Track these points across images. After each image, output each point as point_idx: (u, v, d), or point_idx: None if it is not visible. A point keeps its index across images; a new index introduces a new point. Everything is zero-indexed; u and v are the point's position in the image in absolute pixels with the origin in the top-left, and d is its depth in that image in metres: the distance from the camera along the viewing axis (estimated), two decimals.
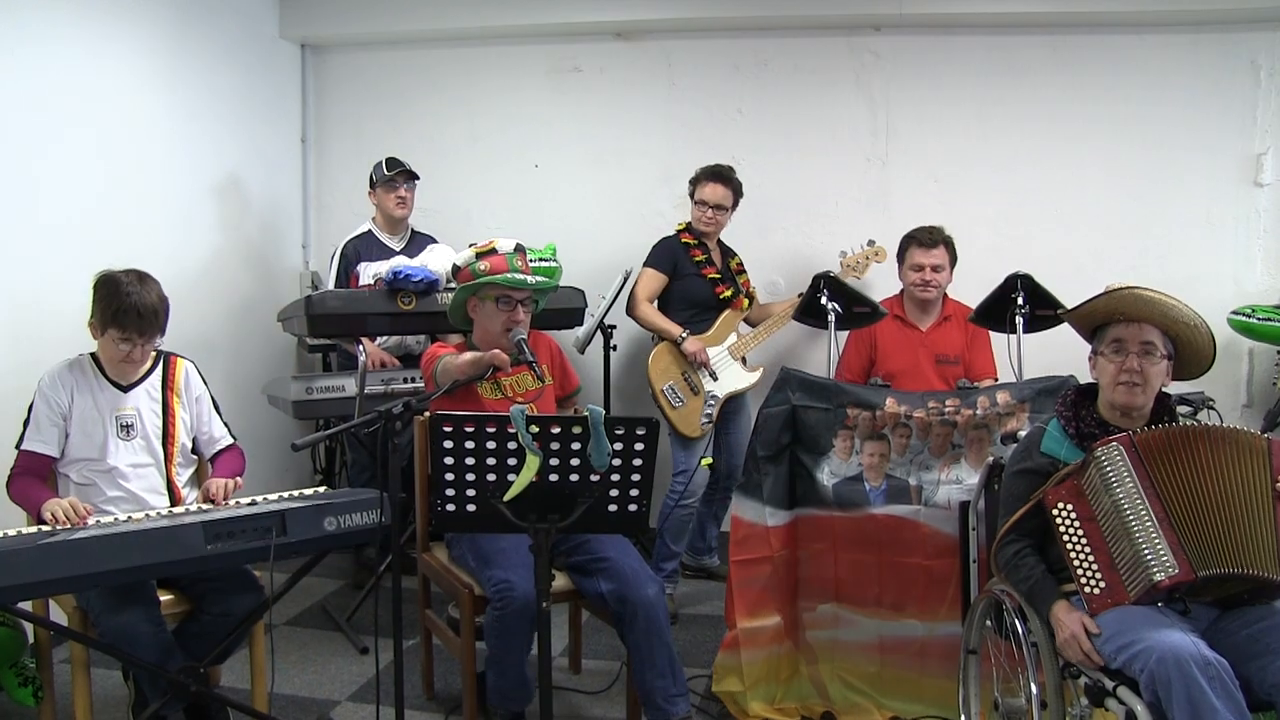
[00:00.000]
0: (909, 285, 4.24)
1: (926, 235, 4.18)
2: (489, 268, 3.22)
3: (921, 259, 4.18)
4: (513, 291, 3.22)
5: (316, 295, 3.73)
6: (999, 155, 4.92)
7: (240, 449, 3.36)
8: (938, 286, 4.21)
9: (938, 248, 4.18)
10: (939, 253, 4.18)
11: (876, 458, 3.35)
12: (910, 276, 4.22)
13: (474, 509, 2.56)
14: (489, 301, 3.24)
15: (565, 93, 5.27)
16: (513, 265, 3.23)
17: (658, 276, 4.31)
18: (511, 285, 3.20)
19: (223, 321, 4.87)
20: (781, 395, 3.39)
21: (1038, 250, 4.73)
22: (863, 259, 4.63)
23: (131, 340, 2.99)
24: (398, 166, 4.55)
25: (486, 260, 3.23)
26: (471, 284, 3.23)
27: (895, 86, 4.99)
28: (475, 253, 3.26)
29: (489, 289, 3.23)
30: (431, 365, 3.18)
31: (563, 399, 3.55)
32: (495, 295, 3.22)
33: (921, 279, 4.18)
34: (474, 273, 3.24)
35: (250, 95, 5.10)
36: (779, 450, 3.38)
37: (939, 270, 4.19)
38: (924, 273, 4.17)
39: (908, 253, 4.23)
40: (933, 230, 4.20)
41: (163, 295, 3.05)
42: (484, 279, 3.21)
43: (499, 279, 3.19)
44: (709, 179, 4.35)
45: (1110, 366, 2.56)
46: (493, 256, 3.24)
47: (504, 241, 3.28)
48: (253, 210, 5.17)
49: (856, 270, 4.60)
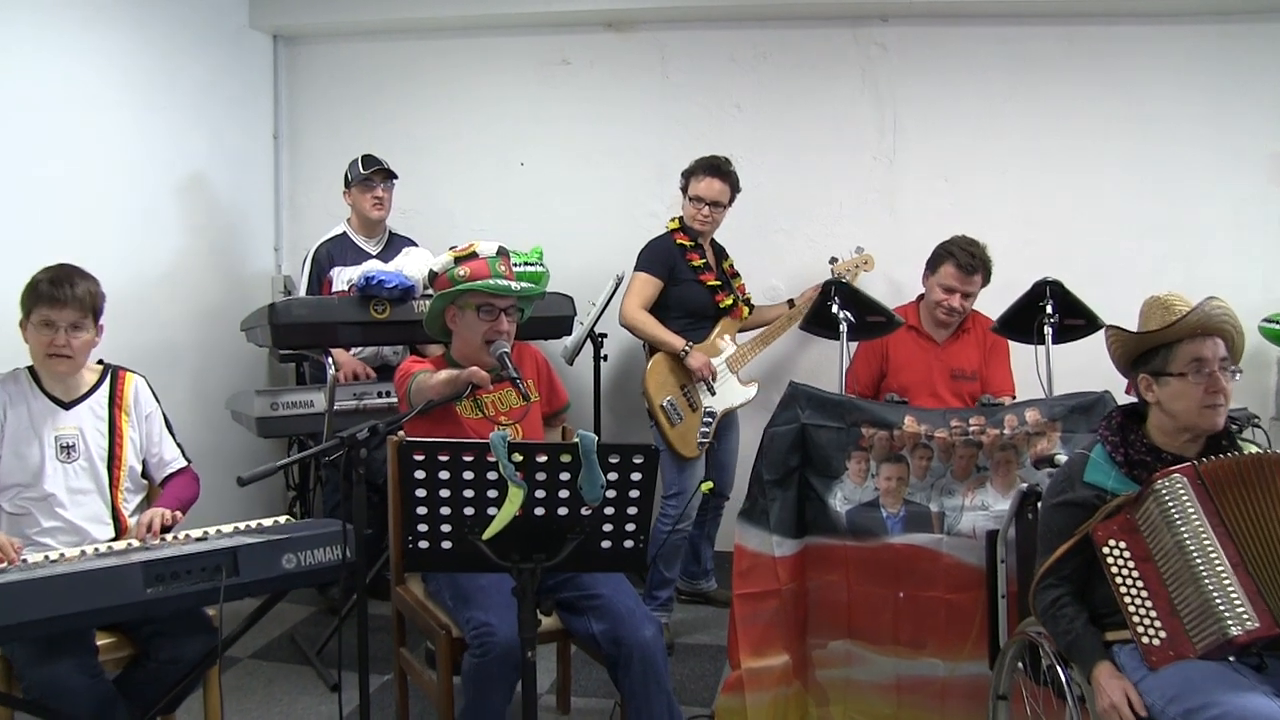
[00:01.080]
0: (932, 301, 3.95)
1: (967, 257, 3.84)
2: (469, 273, 2.94)
3: (954, 282, 3.87)
4: (495, 299, 2.93)
5: (281, 303, 3.43)
6: (1013, 153, 4.67)
7: (194, 473, 3.07)
8: (960, 314, 3.93)
9: (976, 274, 3.88)
10: (976, 280, 3.89)
11: (894, 481, 3.07)
12: (937, 294, 3.92)
13: (450, 546, 2.31)
14: (469, 311, 2.95)
15: (553, 87, 5.01)
16: (495, 270, 2.95)
17: (653, 282, 4.00)
18: (494, 292, 2.91)
19: (187, 329, 4.56)
20: (790, 413, 3.11)
21: (1054, 254, 4.47)
22: (852, 266, 4.43)
23: (54, 325, 2.72)
24: (374, 165, 4.27)
25: (466, 265, 2.95)
26: (449, 291, 2.94)
27: (903, 81, 4.74)
28: (454, 257, 2.98)
29: (469, 297, 2.94)
30: (405, 383, 2.88)
31: (550, 416, 3.26)
32: (476, 304, 2.93)
33: (948, 304, 3.89)
34: (452, 279, 2.95)
35: (218, 89, 4.81)
36: (787, 473, 3.10)
37: (968, 297, 3.91)
38: (953, 298, 3.88)
39: (941, 267, 3.90)
40: (975, 253, 3.87)
41: (93, 283, 2.81)
42: (463, 286, 2.92)
43: (480, 285, 2.90)
44: (705, 173, 4.03)
45: (1194, 389, 2.27)
46: (473, 261, 2.96)
47: (485, 244, 3.00)
48: (220, 211, 4.87)
49: (848, 278, 4.36)
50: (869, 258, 4.51)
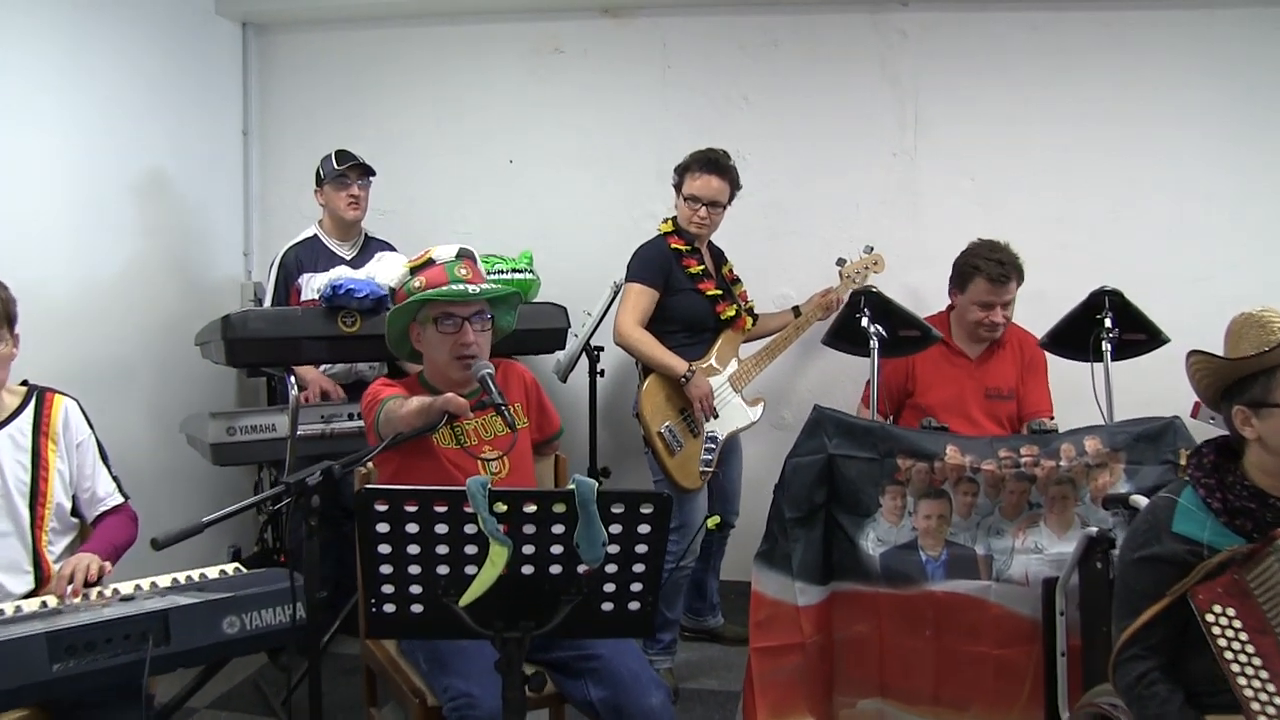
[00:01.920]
0: (970, 321, 3.60)
1: (997, 268, 3.49)
2: (424, 284, 2.56)
3: (990, 297, 3.52)
4: (454, 306, 2.54)
5: (236, 315, 3.04)
6: (1045, 149, 4.31)
7: (131, 512, 2.70)
8: (1003, 325, 3.59)
9: (1011, 281, 3.53)
10: (1012, 288, 3.55)
11: (934, 520, 2.71)
12: (974, 314, 3.56)
13: (421, 610, 1.94)
14: (429, 325, 2.57)
15: (545, 78, 4.65)
16: (453, 276, 2.57)
17: (648, 293, 3.58)
18: (449, 298, 2.52)
19: (142, 343, 4.16)
20: (815, 441, 2.74)
21: (1088, 258, 4.20)
22: (861, 268, 4.06)
23: None
24: (349, 160, 3.89)
25: (421, 275, 2.57)
26: (403, 306, 2.57)
27: (925, 70, 4.38)
28: (409, 268, 2.61)
29: (427, 309, 2.56)
30: (373, 410, 2.49)
31: (541, 444, 2.88)
32: (434, 315, 2.55)
33: (990, 319, 3.55)
34: (408, 292, 2.58)
35: (181, 80, 4.42)
36: (811, 511, 2.74)
37: (1009, 307, 3.57)
38: (993, 313, 3.54)
39: (971, 284, 3.56)
40: (1003, 259, 3.52)
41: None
42: (417, 297, 2.54)
43: (430, 293, 2.52)
44: (701, 168, 3.62)
45: None
46: (429, 269, 2.58)
47: (443, 249, 2.61)
48: (182, 212, 4.48)
49: (855, 281, 4.04)
50: (879, 258, 4.15)
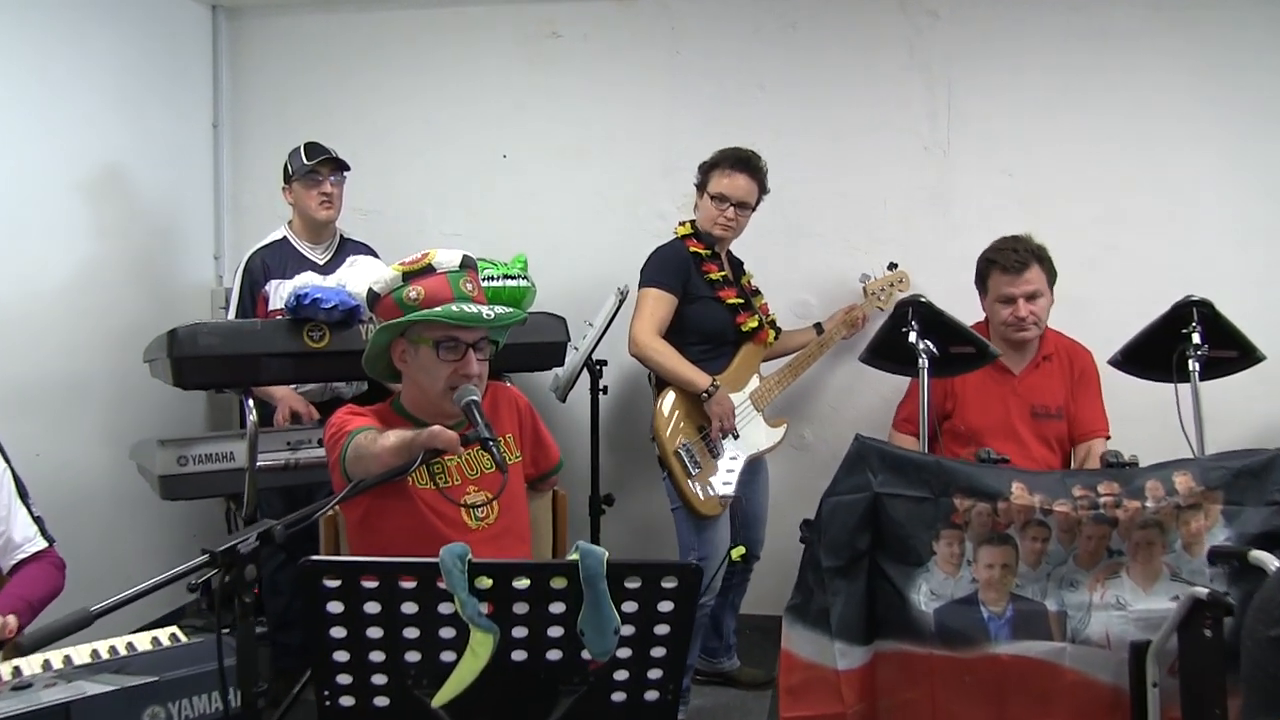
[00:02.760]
0: (1000, 324, 3.26)
1: (1010, 256, 3.17)
2: (422, 296, 2.17)
3: (1009, 289, 3.19)
4: (460, 331, 2.15)
5: (185, 329, 2.63)
6: (1091, 142, 3.92)
7: (56, 559, 2.34)
8: (1036, 322, 3.23)
9: (1029, 268, 3.18)
10: (1032, 275, 3.19)
11: (997, 570, 2.32)
12: (999, 313, 3.23)
13: (387, 703, 1.57)
14: (424, 347, 2.17)
15: (541, 65, 4.27)
16: (459, 291, 2.19)
17: (667, 299, 3.25)
18: (460, 322, 2.13)
19: (99, 356, 3.77)
20: (857, 478, 2.35)
21: (1140, 263, 3.87)
22: (886, 285, 3.80)
23: None
24: (320, 154, 3.51)
25: (419, 284, 2.18)
26: (397, 322, 2.16)
27: (959, 56, 3.99)
28: (403, 272, 2.21)
29: (424, 329, 2.16)
30: (339, 444, 2.09)
31: (536, 479, 2.50)
32: (434, 338, 2.16)
33: (1014, 315, 3.20)
34: (400, 303, 2.18)
35: (143, 67, 4.04)
36: (853, 559, 2.36)
37: (1036, 298, 3.20)
38: (1016, 307, 3.19)
39: (989, 280, 3.25)
40: (1016, 245, 3.20)
41: None
42: (415, 314, 2.14)
43: (438, 313, 2.12)
44: (731, 166, 3.32)
45: None
46: (428, 278, 2.19)
47: (446, 254, 2.23)
48: (146, 213, 4.10)
49: (880, 300, 3.79)
50: (904, 275, 3.86)
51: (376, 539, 2.16)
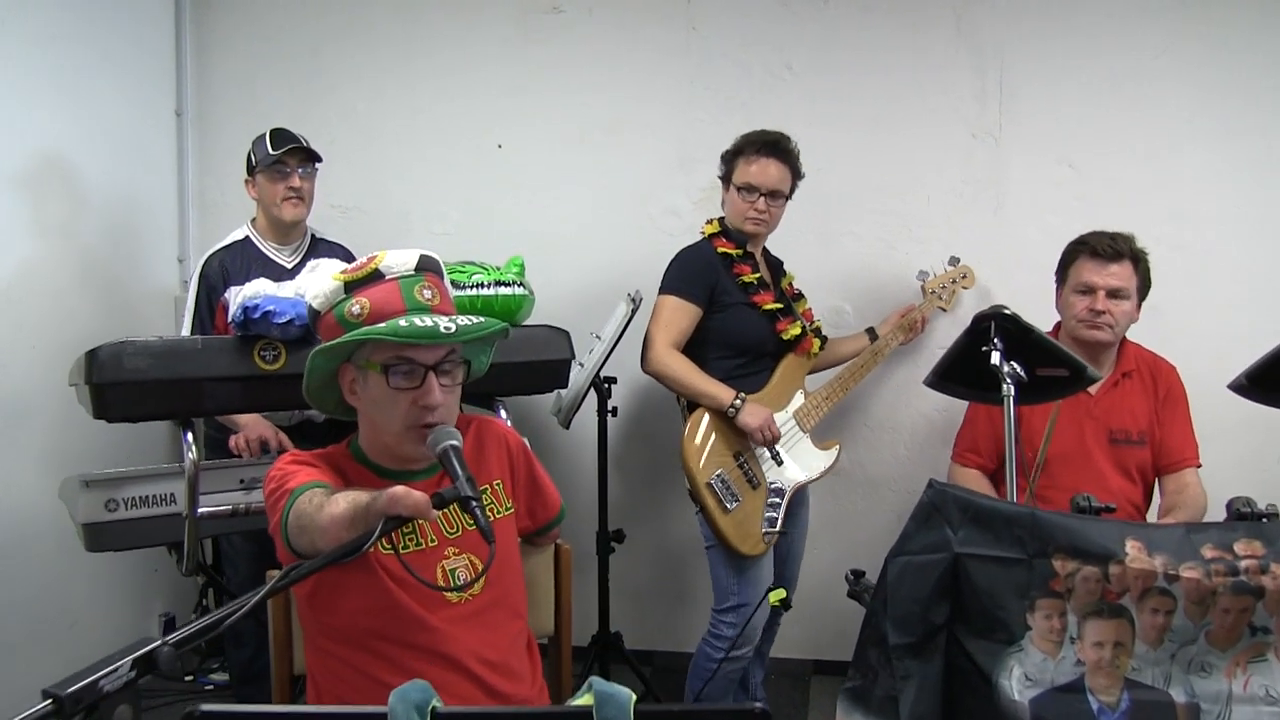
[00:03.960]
0: (1072, 318, 2.85)
1: (1105, 241, 2.80)
2: (366, 310, 1.71)
3: (1092, 276, 2.79)
4: (413, 351, 1.69)
5: (108, 350, 2.18)
6: (1161, 130, 3.50)
7: None
8: (1113, 325, 2.81)
9: (1120, 262, 2.79)
10: (1122, 270, 2.79)
11: (1109, 650, 1.87)
12: (1074, 305, 2.83)
13: None
14: (373, 373, 1.71)
15: (540, 43, 3.84)
16: (412, 300, 1.73)
17: (687, 310, 2.87)
18: (408, 339, 1.66)
19: (39, 372, 3.31)
20: (934, 534, 1.90)
21: (1215, 262, 3.47)
22: (948, 282, 3.42)
23: None
24: (288, 141, 3.10)
25: (363, 295, 1.72)
26: (332, 344, 1.70)
27: (1012, 31, 3.56)
28: (344, 282, 1.74)
29: (371, 351, 1.71)
30: (280, 506, 1.63)
31: (534, 534, 2.04)
32: (382, 361, 1.69)
33: (1089, 308, 2.79)
34: (342, 320, 1.73)
35: (93, 46, 3.61)
36: (928, 634, 1.91)
37: (1119, 298, 2.79)
38: (1095, 298, 2.78)
39: (1072, 268, 2.85)
40: (1115, 239, 2.81)
41: None
42: (352, 334, 1.68)
43: (380, 330, 1.66)
44: (758, 151, 2.95)
45: None
46: (374, 287, 1.73)
47: (397, 256, 1.77)
48: (95, 209, 3.66)
49: (942, 299, 3.41)
50: (967, 270, 3.46)
51: (332, 619, 1.71)
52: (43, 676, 1.20)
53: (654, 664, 3.82)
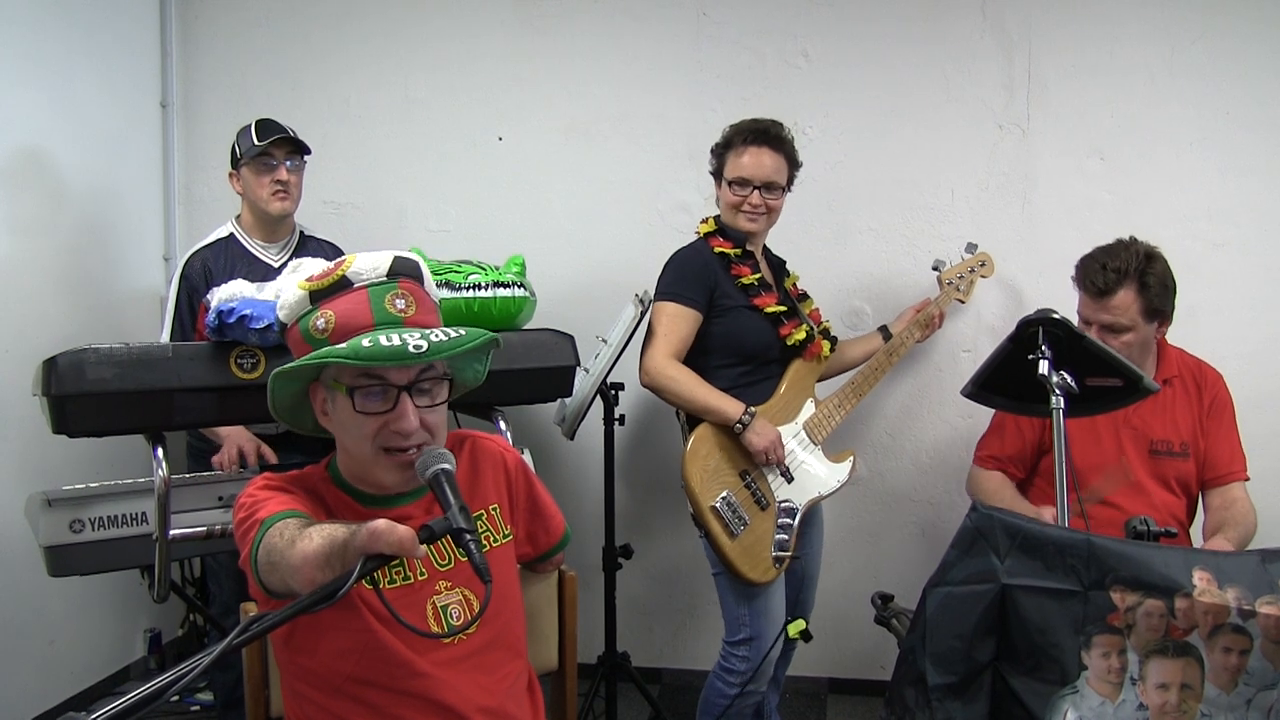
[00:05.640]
0: None
1: (1098, 274, 2.53)
2: (331, 324, 1.51)
3: (1086, 310, 2.60)
4: (383, 370, 1.49)
5: (68, 358, 1.99)
6: (1199, 121, 3.30)
7: None
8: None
9: (1114, 294, 2.51)
10: (1118, 304, 2.52)
11: (1175, 693, 1.70)
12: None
13: None
14: (340, 395, 1.52)
15: (542, 32, 3.65)
16: (381, 312, 1.53)
17: (686, 316, 2.65)
18: (369, 361, 1.46)
19: (14, 377, 3.11)
20: (978, 562, 1.73)
21: (1254, 263, 3.28)
22: (965, 271, 3.21)
23: None
24: (275, 131, 2.91)
25: (329, 306, 1.53)
26: (294, 365, 1.51)
27: (1042, 17, 3.37)
28: (308, 291, 1.55)
29: (337, 371, 1.51)
30: (250, 536, 1.44)
31: (535, 560, 1.85)
32: (349, 382, 1.51)
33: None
34: (307, 336, 1.54)
35: (73, 35, 3.43)
36: (972, 673, 1.74)
37: (1117, 332, 2.55)
38: (1092, 331, 2.55)
39: (1080, 293, 2.64)
40: (1110, 259, 2.54)
41: None
42: (315, 354, 1.49)
43: (340, 352, 1.46)
44: (748, 141, 2.73)
45: None
46: (340, 297, 1.54)
47: (367, 260, 1.57)
48: (75, 205, 3.49)
49: (960, 290, 3.19)
50: (986, 258, 3.27)
51: (309, 661, 1.53)
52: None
53: (662, 682, 3.66)
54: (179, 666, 1.05)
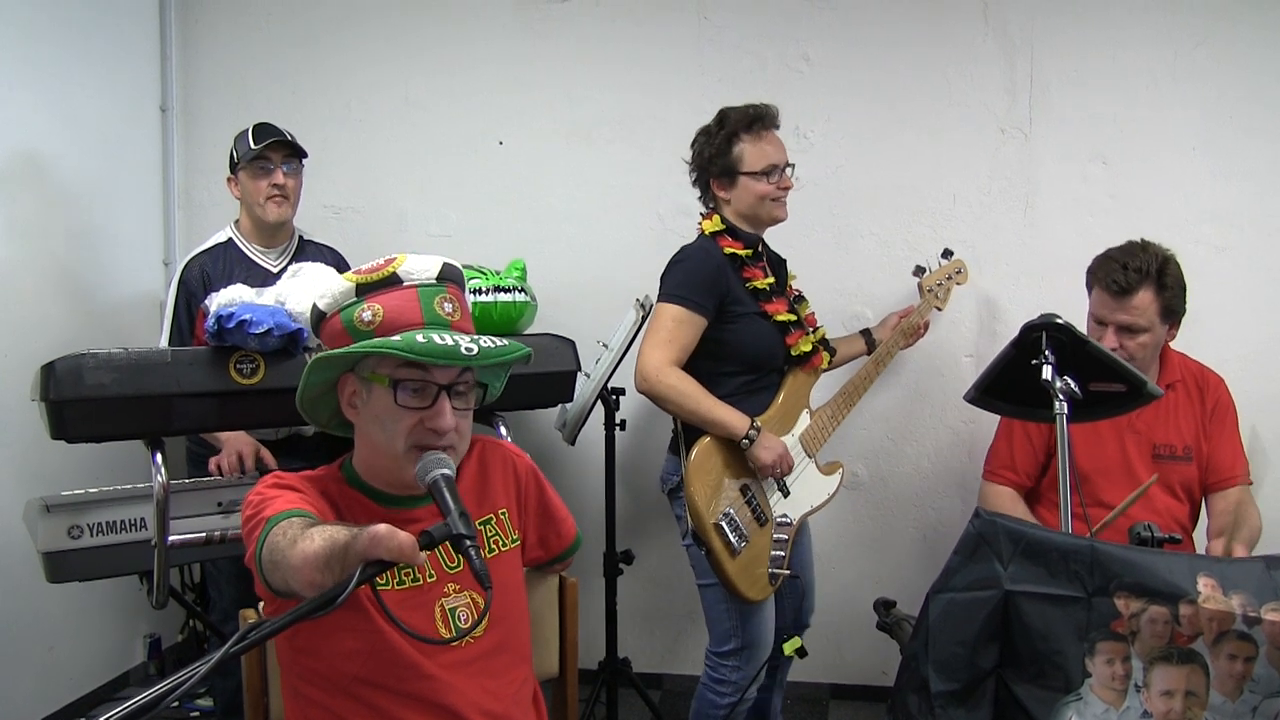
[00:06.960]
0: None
1: (1118, 274, 2.50)
2: (379, 317, 1.53)
3: (1102, 310, 2.56)
4: (428, 371, 1.51)
5: (66, 363, 1.98)
6: (1203, 125, 3.30)
7: None
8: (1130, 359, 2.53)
9: (1134, 294, 2.50)
10: (1138, 303, 2.50)
11: (1179, 700, 1.69)
12: (1093, 332, 2.59)
13: None
14: (379, 387, 1.52)
15: (543, 35, 3.65)
16: (431, 312, 1.55)
17: (692, 322, 2.54)
18: (426, 357, 1.47)
19: (11, 382, 3.10)
20: (981, 568, 1.73)
21: (1258, 267, 3.27)
22: (943, 279, 3.18)
23: None
24: (271, 135, 2.92)
25: (377, 300, 1.54)
26: (338, 353, 1.52)
27: (1045, 18, 3.37)
28: (356, 284, 1.56)
29: (378, 363, 1.52)
30: (255, 535, 1.44)
31: (547, 563, 1.85)
32: (392, 377, 1.51)
33: (1102, 340, 2.54)
34: (350, 327, 1.54)
35: (72, 37, 3.43)
36: (975, 680, 1.74)
37: (1134, 333, 2.53)
38: (1106, 335, 2.54)
39: (1091, 291, 2.62)
40: (1130, 259, 2.51)
41: None
42: (363, 344, 1.49)
43: (395, 344, 1.47)
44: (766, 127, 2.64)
45: None
46: (390, 292, 1.55)
47: (418, 262, 1.59)
48: (73, 209, 3.47)
49: (938, 297, 3.15)
50: (960, 265, 3.24)
51: (314, 662, 1.53)
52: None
53: (663, 687, 3.65)
54: (179, 673, 1.05)
